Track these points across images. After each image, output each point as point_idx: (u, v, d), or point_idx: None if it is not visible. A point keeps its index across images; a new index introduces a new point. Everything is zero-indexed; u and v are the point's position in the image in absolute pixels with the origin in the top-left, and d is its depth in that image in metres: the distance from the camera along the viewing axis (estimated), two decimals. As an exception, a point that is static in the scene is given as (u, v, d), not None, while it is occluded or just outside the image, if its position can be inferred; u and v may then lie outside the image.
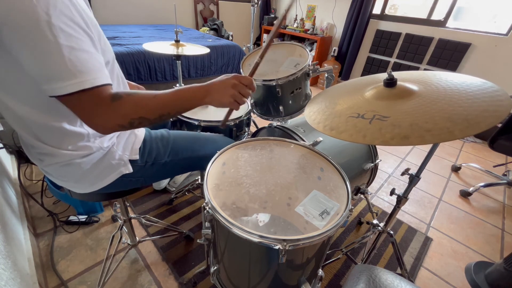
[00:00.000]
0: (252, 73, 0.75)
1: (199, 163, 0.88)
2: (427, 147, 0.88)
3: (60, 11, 0.46)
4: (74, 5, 0.49)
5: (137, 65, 2.00)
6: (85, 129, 0.65)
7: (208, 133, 0.99)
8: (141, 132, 0.80)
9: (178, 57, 1.45)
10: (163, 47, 1.44)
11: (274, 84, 1.03)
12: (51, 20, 0.44)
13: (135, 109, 0.56)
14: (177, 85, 1.64)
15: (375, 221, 1.15)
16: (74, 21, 0.48)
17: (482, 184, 1.83)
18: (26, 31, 0.44)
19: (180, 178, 1.62)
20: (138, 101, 0.57)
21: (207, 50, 1.51)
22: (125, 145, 0.74)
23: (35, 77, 0.48)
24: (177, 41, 1.48)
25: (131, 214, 1.09)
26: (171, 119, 1.11)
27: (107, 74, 0.55)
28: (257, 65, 0.75)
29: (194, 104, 0.64)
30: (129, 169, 0.74)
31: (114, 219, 1.36)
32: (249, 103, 1.22)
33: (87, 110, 0.52)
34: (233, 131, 1.12)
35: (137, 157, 0.76)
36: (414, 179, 0.93)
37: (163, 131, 0.88)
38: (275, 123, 1.19)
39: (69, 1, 0.48)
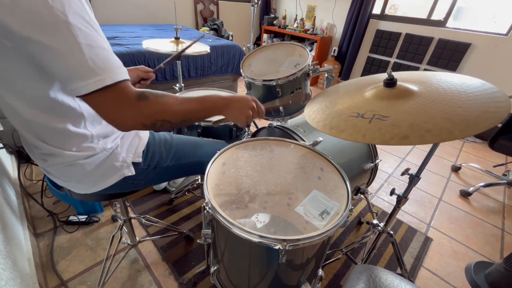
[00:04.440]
0: (268, 108, 0.84)
1: (200, 168, 0.88)
2: (427, 147, 0.88)
3: (75, 11, 0.46)
4: (83, 4, 0.49)
5: (137, 65, 2.00)
6: (89, 131, 0.65)
7: (210, 139, 0.99)
8: (145, 135, 0.80)
9: (178, 56, 1.45)
10: (162, 44, 1.44)
11: (274, 84, 1.03)
12: (68, 20, 0.44)
13: (161, 112, 0.57)
14: (177, 85, 1.63)
15: (375, 221, 1.15)
16: (87, 19, 0.48)
17: (482, 184, 1.83)
18: (46, 33, 0.44)
19: (180, 178, 1.62)
20: (165, 105, 0.58)
21: (207, 49, 1.50)
22: (129, 148, 0.74)
23: (59, 79, 0.49)
24: (177, 38, 1.47)
25: (131, 214, 1.09)
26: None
27: (125, 70, 0.55)
28: (276, 106, 0.90)
29: (213, 114, 0.67)
30: (131, 171, 0.74)
31: (114, 219, 1.36)
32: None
33: (112, 107, 0.52)
34: (233, 131, 1.12)
35: (140, 160, 0.76)
36: (414, 179, 0.93)
37: (166, 135, 0.88)
38: (275, 123, 1.19)
39: (79, 1, 0.48)
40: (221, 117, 0.81)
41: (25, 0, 0.41)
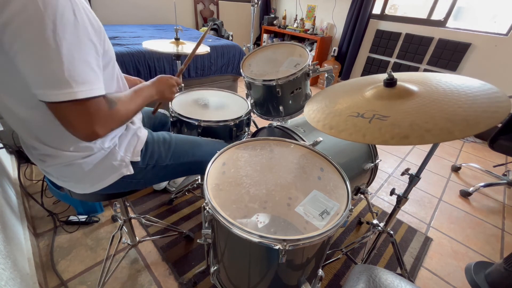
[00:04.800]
0: (179, 74, 0.95)
1: (199, 168, 0.88)
2: (427, 147, 0.88)
3: (67, 20, 0.46)
4: (80, 13, 0.49)
5: (137, 65, 2.00)
6: None
7: (209, 138, 0.99)
8: (143, 134, 0.80)
9: (178, 56, 1.45)
10: (163, 45, 1.44)
11: (274, 84, 1.03)
12: (56, 30, 0.45)
13: (126, 113, 0.62)
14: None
15: (375, 221, 1.15)
16: (79, 30, 0.49)
17: (482, 184, 1.83)
18: (30, 36, 0.44)
19: (180, 178, 1.62)
20: (127, 105, 0.63)
21: (207, 49, 1.50)
22: (127, 147, 0.74)
23: (28, 80, 0.48)
24: (177, 39, 1.47)
25: (131, 214, 1.09)
26: (170, 119, 1.12)
27: (102, 85, 0.55)
28: (182, 69, 0.96)
29: (149, 101, 0.74)
30: (130, 170, 0.74)
31: (114, 219, 1.36)
32: (249, 103, 1.22)
33: (80, 119, 0.52)
34: (233, 131, 1.12)
35: (138, 159, 0.76)
36: (414, 179, 0.93)
37: (165, 134, 0.88)
38: (275, 123, 1.19)
39: (76, 8, 0.48)
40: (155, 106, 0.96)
41: (17, 19, 0.43)
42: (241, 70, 1.15)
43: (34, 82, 0.48)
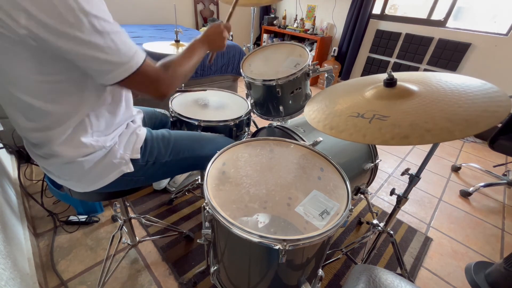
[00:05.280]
0: (229, 16, 1.02)
1: (200, 163, 0.88)
2: (427, 147, 0.88)
3: (95, 4, 0.50)
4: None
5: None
6: (89, 129, 0.65)
7: (208, 133, 0.99)
8: (142, 132, 0.80)
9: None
10: (163, 47, 1.44)
11: (274, 84, 1.03)
12: (92, 13, 0.49)
13: (182, 72, 0.69)
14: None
15: (375, 221, 1.15)
16: (104, 9, 0.53)
17: (482, 184, 1.83)
18: (65, 27, 0.47)
19: (180, 178, 1.62)
20: (182, 65, 0.69)
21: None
22: (127, 144, 0.74)
23: (92, 70, 0.53)
24: (177, 41, 1.47)
25: (131, 214, 1.09)
26: (170, 119, 1.12)
27: (140, 49, 0.60)
28: (231, 12, 1.01)
29: (202, 54, 0.81)
30: (130, 168, 0.74)
31: (114, 219, 1.36)
32: (249, 103, 1.22)
33: (147, 84, 0.60)
34: (233, 131, 1.12)
35: (138, 156, 0.76)
36: (414, 179, 0.93)
37: (164, 131, 0.88)
38: (275, 123, 1.19)
39: None
40: (210, 57, 1.04)
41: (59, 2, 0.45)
42: (241, 70, 1.15)
43: (96, 71, 0.54)
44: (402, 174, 0.96)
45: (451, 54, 2.71)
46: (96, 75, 0.56)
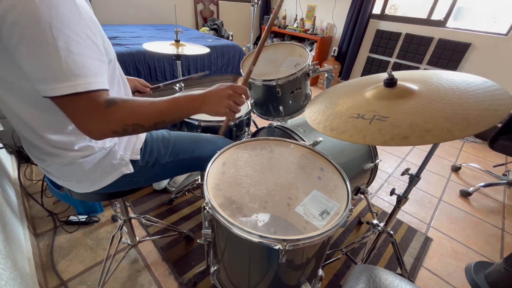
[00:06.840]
0: (245, 81, 0.79)
1: (200, 164, 0.88)
2: (427, 147, 0.88)
3: (62, 14, 0.46)
4: (77, 9, 0.49)
5: (137, 65, 2.00)
6: None
7: (208, 135, 0.99)
8: (142, 133, 0.80)
9: (178, 57, 1.45)
10: (163, 47, 1.44)
11: (274, 84, 1.03)
12: (52, 22, 0.44)
13: (130, 116, 0.55)
14: (177, 85, 1.63)
15: (375, 221, 1.15)
16: (76, 25, 0.48)
17: (482, 184, 1.83)
18: (26, 31, 0.44)
19: (180, 178, 1.62)
20: (134, 108, 0.56)
21: (207, 50, 1.51)
22: (127, 145, 0.74)
23: (30, 76, 0.48)
24: (177, 41, 1.48)
25: (131, 214, 1.09)
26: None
27: (105, 80, 0.54)
28: (250, 72, 0.79)
29: (190, 113, 0.65)
30: (130, 169, 0.74)
31: (114, 219, 1.36)
32: (249, 103, 1.22)
33: (80, 114, 0.52)
34: (233, 131, 1.12)
35: (138, 157, 0.76)
36: (414, 179, 0.93)
37: (164, 132, 0.88)
38: (275, 123, 1.19)
39: (73, 4, 0.48)
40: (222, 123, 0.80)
41: (12, 13, 0.42)
42: (241, 70, 1.15)
43: (35, 77, 0.48)
44: (402, 174, 0.96)
45: (451, 54, 2.71)
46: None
